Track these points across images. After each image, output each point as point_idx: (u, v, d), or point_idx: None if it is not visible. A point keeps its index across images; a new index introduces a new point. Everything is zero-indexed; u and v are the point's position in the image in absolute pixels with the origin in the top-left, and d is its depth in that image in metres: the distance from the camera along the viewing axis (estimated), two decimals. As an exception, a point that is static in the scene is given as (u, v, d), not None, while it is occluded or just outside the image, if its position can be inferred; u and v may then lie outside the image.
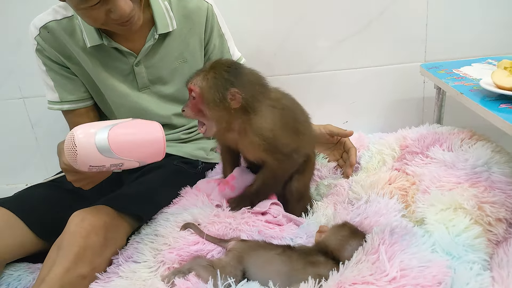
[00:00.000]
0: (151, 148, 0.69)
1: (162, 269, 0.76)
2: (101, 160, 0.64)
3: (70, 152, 0.63)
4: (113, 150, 0.64)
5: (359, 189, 0.83)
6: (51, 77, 1.01)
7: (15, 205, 0.85)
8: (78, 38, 0.96)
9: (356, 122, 1.45)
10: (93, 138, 0.63)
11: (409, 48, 1.35)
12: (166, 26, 0.98)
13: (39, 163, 1.67)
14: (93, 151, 0.63)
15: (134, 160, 0.67)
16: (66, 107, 1.02)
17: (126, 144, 0.66)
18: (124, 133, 0.66)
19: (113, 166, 0.66)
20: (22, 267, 0.86)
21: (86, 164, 0.64)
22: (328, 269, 0.67)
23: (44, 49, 0.97)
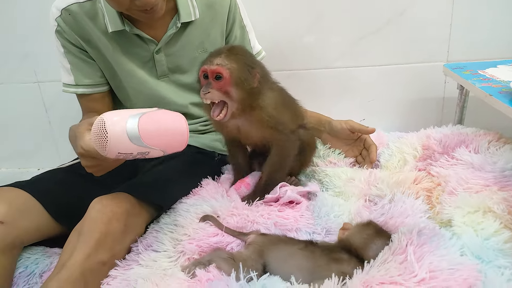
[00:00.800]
0: (176, 138, 0.69)
1: (182, 259, 0.75)
2: (130, 148, 0.63)
3: (100, 138, 0.62)
4: (142, 139, 0.63)
5: (384, 187, 0.82)
6: (69, 60, 1.00)
7: (34, 188, 0.85)
8: (100, 23, 0.95)
9: (373, 120, 1.43)
10: (124, 126, 0.62)
11: (431, 47, 1.32)
12: (189, 15, 0.97)
13: (52, 148, 1.67)
14: (124, 138, 0.62)
15: (159, 149, 0.67)
16: (80, 90, 1.01)
17: (155, 133, 0.66)
18: (153, 122, 0.66)
19: (139, 154, 0.66)
20: (39, 251, 0.86)
21: (115, 151, 0.63)
22: (351, 267, 0.66)
23: (64, 31, 0.96)
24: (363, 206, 0.82)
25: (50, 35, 1.44)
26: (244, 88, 0.79)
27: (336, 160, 1.03)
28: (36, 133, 1.65)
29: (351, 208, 0.80)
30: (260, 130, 0.86)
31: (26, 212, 0.81)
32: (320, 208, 0.83)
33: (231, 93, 0.79)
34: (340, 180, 0.90)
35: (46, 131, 1.64)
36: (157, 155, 0.69)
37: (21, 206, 0.81)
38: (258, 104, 0.83)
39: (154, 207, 0.86)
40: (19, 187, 0.84)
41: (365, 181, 0.87)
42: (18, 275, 0.79)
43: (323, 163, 1.04)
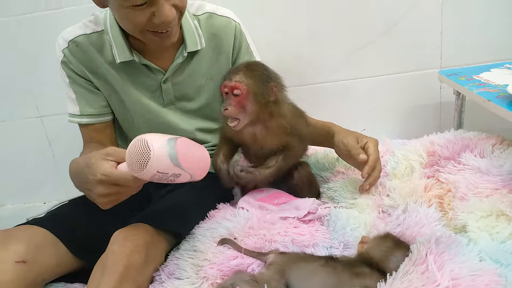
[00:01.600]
0: (202, 164, 0.73)
1: (205, 285, 0.76)
2: (168, 167, 0.65)
3: (141, 156, 0.63)
4: (179, 159, 0.66)
5: (396, 197, 0.84)
6: (74, 90, 1.01)
7: (51, 224, 0.86)
8: (107, 54, 0.97)
9: (373, 129, 1.46)
10: (166, 145, 0.65)
11: (425, 55, 1.37)
12: (195, 44, 1.00)
13: (57, 181, 1.68)
14: (164, 157, 0.64)
15: (189, 173, 0.69)
16: (85, 120, 1.03)
17: (189, 155, 0.68)
18: (186, 146, 0.69)
19: (171, 176, 0.67)
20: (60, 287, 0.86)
21: (153, 170, 0.64)
22: (374, 281, 0.67)
23: (70, 62, 0.98)
24: (378, 218, 0.83)
25: (51, 69, 1.48)
26: (260, 101, 0.86)
27: (344, 169, 1.05)
28: (40, 167, 1.66)
29: (367, 220, 0.82)
30: (277, 137, 0.93)
31: (45, 249, 0.81)
32: (335, 222, 0.84)
33: (247, 107, 0.85)
34: (350, 193, 0.92)
35: (50, 164, 1.65)
36: (184, 179, 0.70)
37: (40, 244, 0.81)
38: (277, 113, 0.90)
39: (173, 235, 0.87)
40: (36, 224, 0.85)
41: (376, 191, 0.89)
42: (42, 314, 0.79)
43: (331, 174, 1.05)
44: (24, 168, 1.66)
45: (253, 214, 0.90)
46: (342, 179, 1.01)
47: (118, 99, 1.03)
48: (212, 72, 1.05)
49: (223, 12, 1.05)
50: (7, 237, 0.80)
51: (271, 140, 0.93)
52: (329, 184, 1.02)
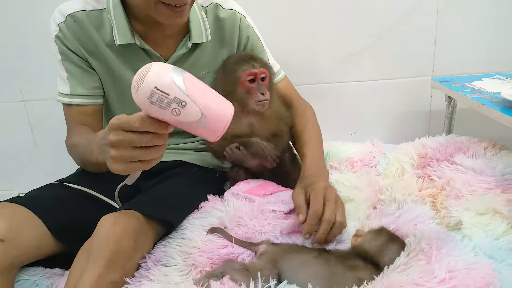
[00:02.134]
0: (219, 109, 0.59)
1: (194, 272, 0.74)
2: (169, 86, 0.55)
3: (141, 72, 0.56)
4: (185, 82, 0.56)
5: (391, 194, 0.84)
6: (65, 67, 0.96)
7: (34, 204, 0.81)
8: (106, 34, 0.94)
9: (364, 133, 1.47)
10: (169, 68, 0.57)
11: (418, 63, 1.39)
12: (201, 36, 0.97)
13: (36, 169, 1.61)
14: (166, 71, 0.56)
15: (199, 108, 0.57)
16: (75, 101, 0.97)
17: (199, 86, 0.58)
18: (198, 81, 0.59)
19: (174, 102, 0.56)
20: (38, 272, 0.81)
21: (151, 85, 0.55)
22: (368, 273, 0.67)
23: (65, 37, 0.93)
24: (372, 214, 0.83)
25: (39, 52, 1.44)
26: (273, 83, 0.96)
27: (337, 164, 1.05)
28: (19, 153, 1.59)
29: (360, 215, 0.81)
30: (273, 123, 0.96)
31: (26, 229, 0.77)
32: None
33: (270, 90, 0.92)
34: (344, 187, 0.91)
35: (30, 152, 1.59)
36: (192, 117, 0.57)
37: (21, 223, 0.76)
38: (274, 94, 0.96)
39: (162, 225, 0.84)
40: (18, 203, 0.80)
41: (370, 188, 0.89)
42: (18, 298, 0.75)
43: None
44: (2, 153, 1.59)
45: (243, 204, 0.88)
46: (336, 173, 1.00)
47: (112, 80, 1.00)
48: (213, 65, 1.03)
49: (229, 5, 1.02)
50: None
51: (267, 127, 0.94)
52: None
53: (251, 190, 0.96)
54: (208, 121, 0.58)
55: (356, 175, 0.97)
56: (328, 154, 1.13)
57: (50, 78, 1.45)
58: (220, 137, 0.61)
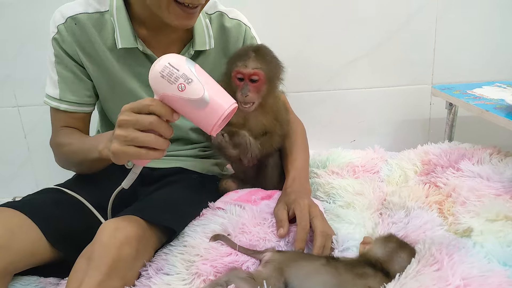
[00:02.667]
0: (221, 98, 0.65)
1: (197, 281, 0.71)
2: (180, 64, 0.63)
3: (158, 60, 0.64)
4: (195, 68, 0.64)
5: (397, 200, 0.83)
6: (58, 71, 0.93)
7: (30, 209, 0.78)
8: (107, 37, 0.92)
9: (363, 141, 1.46)
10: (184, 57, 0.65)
11: (417, 71, 1.40)
12: (204, 44, 0.96)
13: (29, 176, 1.57)
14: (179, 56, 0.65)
15: (203, 86, 0.63)
16: (63, 107, 0.94)
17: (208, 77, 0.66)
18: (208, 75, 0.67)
19: (182, 78, 0.62)
20: (32, 281, 0.78)
21: (165, 62, 0.63)
22: (377, 282, 0.65)
23: (63, 40, 0.91)
24: (379, 220, 0.81)
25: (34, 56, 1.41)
26: (273, 84, 0.89)
27: (338, 170, 1.03)
28: (12, 160, 1.55)
29: (366, 223, 0.79)
30: (267, 121, 0.94)
31: (20, 235, 0.74)
32: (332, 224, 0.81)
33: (262, 91, 0.88)
34: (347, 193, 0.90)
35: (23, 158, 1.55)
36: (194, 93, 0.62)
37: (15, 228, 0.73)
38: (275, 95, 0.93)
39: (164, 232, 0.81)
40: (12, 207, 0.77)
41: (374, 195, 0.87)
42: (11, 308, 0.72)
43: (325, 172, 1.03)
44: (-5, 159, 1.55)
45: (245, 211, 0.86)
46: (338, 178, 0.98)
47: (110, 86, 0.98)
48: (215, 73, 1.01)
49: (235, 14, 1.01)
50: None
51: (261, 123, 0.94)
52: (326, 179, 0.99)
53: (240, 198, 0.95)
54: (208, 105, 0.63)
55: (359, 181, 0.95)
56: (328, 160, 1.12)
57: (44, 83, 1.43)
58: (217, 129, 0.65)
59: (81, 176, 0.98)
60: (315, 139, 1.16)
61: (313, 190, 0.99)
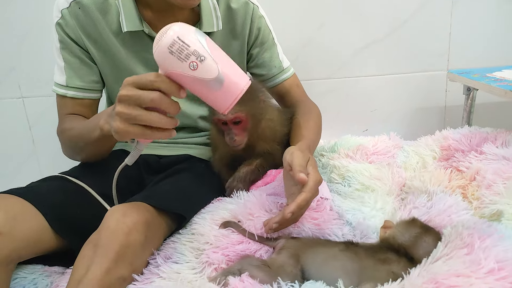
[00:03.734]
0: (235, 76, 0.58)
1: (208, 270, 0.67)
2: (191, 39, 0.55)
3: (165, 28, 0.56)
4: (207, 42, 0.56)
5: (419, 185, 0.78)
6: (63, 57, 0.91)
7: (33, 196, 0.75)
8: (112, 20, 0.89)
9: (375, 130, 1.41)
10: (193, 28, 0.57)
11: (432, 57, 1.35)
12: (211, 25, 0.92)
13: (34, 168, 1.55)
14: (189, 28, 0.57)
15: (217, 65, 0.56)
16: (71, 93, 0.92)
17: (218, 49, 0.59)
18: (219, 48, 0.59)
19: (193, 55, 0.55)
20: (37, 270, 0.75)
21: (174, 35, 0.55)
22: (401, 267, 0.60)
23: (67, 25, 0.88)
24: (399, 205, 0.77)
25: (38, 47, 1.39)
26: (258, 118, 0.88)
27: (351, 153, 0.99)
28: (17, 152, 1.53)
29: (386, 207, 0.75)
30: (266, 145, 0.93)
31: (24, 222, 0.70)
32: (349, 208, 0.77)
33: (249, 127, 0.87)
34: (363, 177, 0.85)
35: (28, 150, 1.53)
36: (208, 74, 0.56)
37: (19, 215, 0.70)
38: (265, 118, 0.90)
39: (173, 219, 0.78)
40: (15, 194, 0.74)
41: (393, 180, 0.83)
42: (15, 296, 0.68)
43: (338, 155, 0.99)
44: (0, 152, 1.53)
45: (253, 196, 0.82)
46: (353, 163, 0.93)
47: (116, 71, 0.94)
48: None
49: None
50: None
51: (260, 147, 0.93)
52: (340, 161, 0.94)
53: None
54: (223, 84, 0.57)
55: (375, 166, 0.91)
56: (337, 144, 1.08)
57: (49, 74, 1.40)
58: (230, 108, 0.59)
59: (86, 164, 0.95)
60: (325, 129, 1.11)
61: (327, 172, 0.95)
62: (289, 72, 1.06)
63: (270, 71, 1.02)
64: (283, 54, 1.06)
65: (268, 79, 1.04)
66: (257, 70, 1.04)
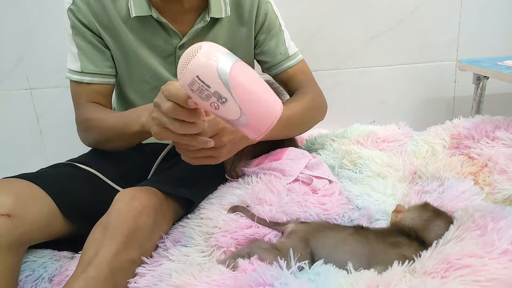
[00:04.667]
0: (262, 112, 0.55)
1: (217, 253, 0.67)
2: (212, 78, 0.51)
3: (187, 55, 0.52)
4: (230, 79, 0.52)
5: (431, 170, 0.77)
6: (76, 43, 0.91)
7: (43, 181, 0.75)
8: (121, 6, 0.88)
9: (383, 121, 1.39)
10: (219, 56, 0.52)
11: (440, 47, 1.33)
12: (220, 11, 0.92)
13: (42, 159, 1.55)
14: (211, 64, 0.52)
15: (239, 105, 0.53)
16: (86, 79, 0.92)
17: (245, 85, 0.54)
18: (247, 74, 0.54)
19: (214, 96, 0.52)
20: (46, 254, 0.75)
21: (192, 74, 0.52)
22: (412, 250, 0.60)
23: (78, 10, 0.88)
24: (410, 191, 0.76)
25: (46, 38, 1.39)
26: None
27: (362, 140, 0.98)
28: (24, 144, 1.54)
29: (396, 193, 0.75)
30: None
31: (34, 206, 0.70)
32: (359, 193, 0.77)
33: None
34: (375, 164, 0.85)
35: (35, 142, 1.53)
36: (231, 115, 0.54)
37: (29, 199, 0.70)
38: None
39: (181, 204, 0.78)
40: (26, 179, 0.74)
41: (404, 167, 0.82)
42: (25, 279, 0.68)
43: (349, 141, 0.99)
44: (7, 144, 1.53)
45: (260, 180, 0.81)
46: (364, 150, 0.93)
47: (126, 58, 0.94)
48: (231, 43, 0.96)
49: None
50: None
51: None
52: (351, 147, 0.93)
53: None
54: (248, 121, 0.54)
55: (387, 153, 0.90)
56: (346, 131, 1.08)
57: (57, 65, 1.40)
58: (260, 138, 0.57)
59: (96, 151, 0.95)
60: (332, 121, 1.11)
61: (338, 158, 0.94)
62: (295, 59, 1.04)
63: (274, 58, 1.01)
64: (290, 40, 1.05)
65: (272, 66, 1.03)
66: (262, 57, 1.03)
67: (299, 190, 0.78)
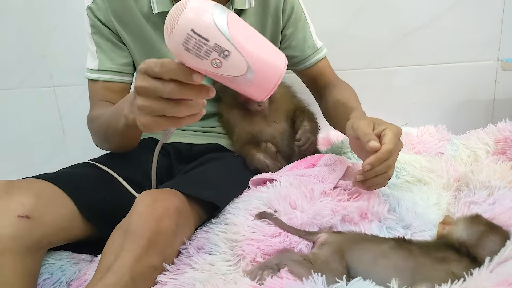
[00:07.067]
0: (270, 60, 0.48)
1: (243, 263, 0.62)
2: (209, 29, 0.44)
3: (176, 9, 0.46)
4: (229, 26, 0.45)
5: (480, 178, 0.70)
6: (95, 41, 0.90)
7: (64, 182, 0.72)
8: (142, 3, 0.87)
9: (416, 124, 1.32)
10: (209, 6, 0.46)
11: (479, 46, 1.24)
12: (243, 2, 0.89)
13: (64, 157, 1.54)
14: (206, 11, 0.45)
15: (245, 57, 0.46)
16: (103, 77, 0.90)
17: (245, 31, 0.47)
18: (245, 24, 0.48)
19: (215, 51, 0.45)
20: (65, 257, 0.72)
21: (188, 27, 0.45)
22: (463, 267, 0.54)
23: (98, 9, 0.87)
24: (455, 201, 0.69)
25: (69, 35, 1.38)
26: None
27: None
28: (47, 142, 1.53)
29: (440, 202, 0.68)
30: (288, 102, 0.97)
31: (54, 208, 0.68)
32: (398, 201, 0.70)
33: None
34: (414, 169, 0.78)
35: (58, 140, 1.53)
36: (236, 71, 0.47)
37: (49, 200, 0.68)
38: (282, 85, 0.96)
39: (205, 208, 0.74)
40: (46, 179, 0.71)
41: (448, 173, 0.75)
42: (43, 283, 0.66)
43: None
44: (30, 142, 1.53)
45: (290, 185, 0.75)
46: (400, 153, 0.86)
47: (148, 56, 0.91)
48: None
49: None
50: (11, 187, 0.66)
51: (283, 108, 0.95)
52: None
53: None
54: (255, 77, 0.47)
55: (426, 158, 0.83)
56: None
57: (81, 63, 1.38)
58: (268, 97, 0.50)
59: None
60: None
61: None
62: (322, 52, 1.02)
63: (303, 52, 0.98)
64: (315, 34, 1.02)
65: (301, 61, 0.99)
66: (290, 51, 0.99)
67: (335, 197, 0.72)
